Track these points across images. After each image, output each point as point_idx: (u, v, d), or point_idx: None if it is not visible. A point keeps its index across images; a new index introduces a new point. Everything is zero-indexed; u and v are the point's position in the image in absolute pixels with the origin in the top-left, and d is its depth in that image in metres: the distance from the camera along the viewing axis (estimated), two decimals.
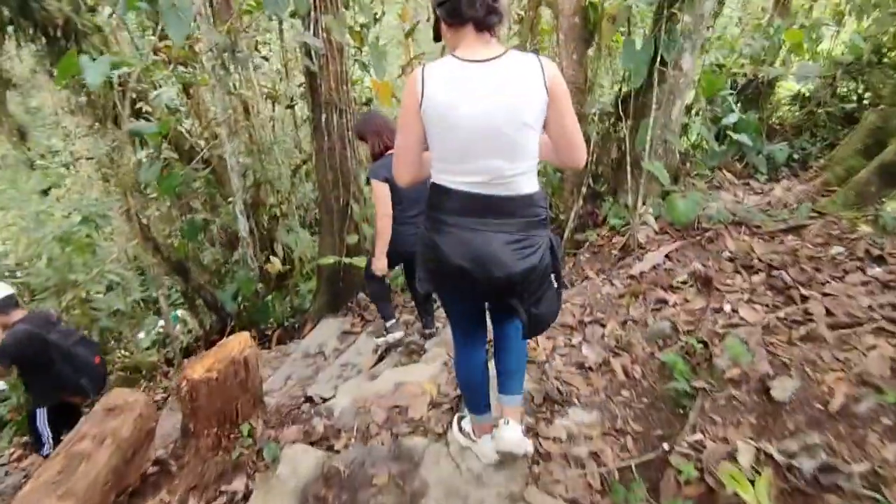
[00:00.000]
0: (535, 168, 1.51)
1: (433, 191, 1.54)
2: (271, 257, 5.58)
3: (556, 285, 1.60)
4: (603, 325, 2.69)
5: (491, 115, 1.38)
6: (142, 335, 6.13)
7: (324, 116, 4.48)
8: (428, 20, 7.30)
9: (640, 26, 4.64)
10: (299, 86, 5.93)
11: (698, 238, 3.22)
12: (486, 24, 1.41)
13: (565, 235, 3.97)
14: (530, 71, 1.40)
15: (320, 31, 4.22)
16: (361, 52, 5.72)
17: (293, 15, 4.31)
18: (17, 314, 3.08)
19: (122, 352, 6.25)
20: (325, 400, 3.20)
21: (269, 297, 5.51)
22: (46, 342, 3.05)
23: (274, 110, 7.01)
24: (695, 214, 3.29)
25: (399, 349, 3.39)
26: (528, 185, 1.49)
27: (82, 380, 3.18)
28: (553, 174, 4.93)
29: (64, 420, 3.27)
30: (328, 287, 4.99)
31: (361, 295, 5.11)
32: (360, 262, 4.60)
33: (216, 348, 2.21)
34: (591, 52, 4.23)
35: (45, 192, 7.90)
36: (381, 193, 2.66)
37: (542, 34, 4.66)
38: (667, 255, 3.09)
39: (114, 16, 5.75)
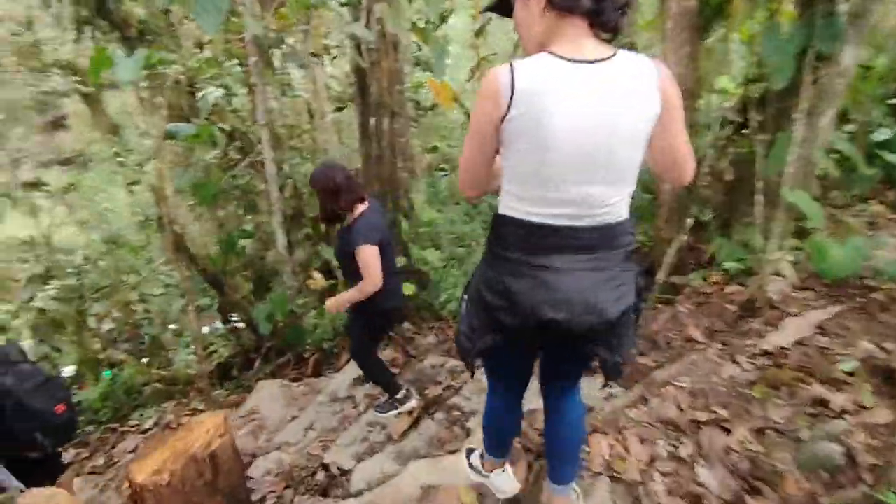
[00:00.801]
0: (632, 192, 1.23)
1: (502, 224, 1.25)
2: (314, 273, 5.11)
3: (634, 320, 1.33)
4: (727, 430, 1.85)
5: (598, 132, 1.09)
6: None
7: (373, 120, 3.90)
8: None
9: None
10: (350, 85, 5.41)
11: (862, 301, 2.29)
12: (608, 21, 1.10)
13: (659, 275, 3.12)
14: (644, 76, 1.11)
15: (373, 23, 3.65)
16: (422, 50, 5.13)
17: (344, 4, 3.78)
18: None
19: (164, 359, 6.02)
20: (342, 472, 2.59)
21: (310, 317, 5.02)
22: None
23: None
24: (858, 267, 2.36)
25: (439, 414, 2.70)
26: (624, 211, 1.23)
27: (36, 433, 2.68)
28: (641, 193, 4.07)
29: (33, 473, 2.85)
30: None
31: (407, 325, 4.50)
32: (406, 289, 3.99)
33: (177, 434, 1.62)
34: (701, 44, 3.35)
35: (131, 190, 7.94)
36: (375, 260, 2.33)
37: (641, 27, 3.80)
38: (818, 326, 2.19)
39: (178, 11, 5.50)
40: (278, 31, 4.57)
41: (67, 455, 4.56)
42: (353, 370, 3.75)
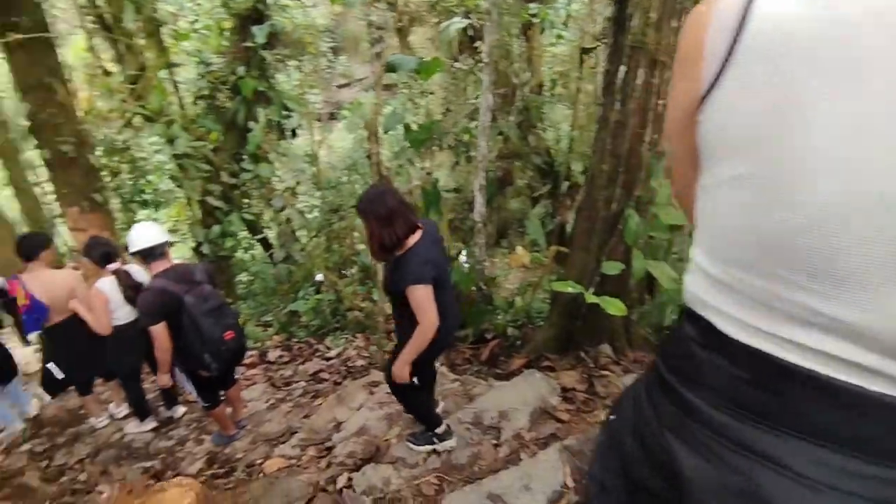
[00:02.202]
0: None
1: (692, 331, 0.65)
2: (518, 248, 4.38)
3: None
4: None
5: None
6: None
7: (622, 69, 2.76)
8: None
9: None
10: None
11: None
12: None
13: None
14: None
15: None
16: None
17: None
18: (161, 265, 2.73)
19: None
20: None
21: (499, 296, 4.37)
22: (179, 302, 2.63)
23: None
24: None
25: None
26: None
27: (205, 354, 2.71)
28: None
29: (209, 385, 2.97)
30: (561, 320, 3.49)
31: (606, 347, 3.43)
32: (612, 306, 2.93)
33: None
34: None
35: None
36: (429, 303, 2.00)
37: None
38: None
39: None
40: None
41: (273, 354, 5.13)
42: (513, 392, 2.97)
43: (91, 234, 4.56)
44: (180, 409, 3.88)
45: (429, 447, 2.55)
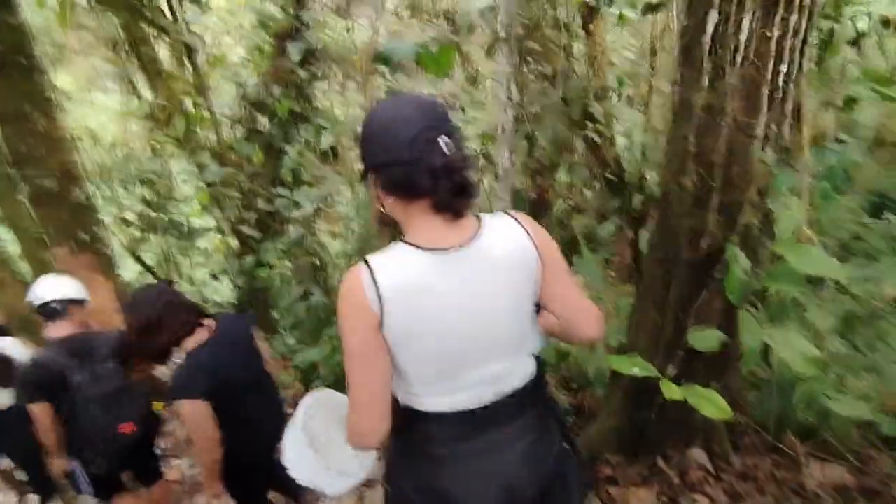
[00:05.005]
0: (539, 341, 1.16)
1: (409, 418, 1.08)
2: None
3: None
4: None
5: (487, 318, 1.02)
6: None
7: (714, 18, 1.67)
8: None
9: None
10: None
11: None
12: (449, 206, 0.99)
13: None
14: (517, 242, 1.06)
15: None
16: None
17: None
18: (58, 330, 2.08)
19: None
20: None
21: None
22: (63, 381, 1.95)
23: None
24: None
25: None
26: (533, 363, 1.15)
27: (86, 449, 2.07)
28: None
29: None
30: (625, 408, 2.35)
31: (698, 452, 2.26)
32: (707, 404, 1.81)
33: None
34: None
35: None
36: (201, 416, 1.66)
37: None
38: None
39: None
40: None
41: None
42: None
43: (81, 275, 4.09)
44: None
45: None
